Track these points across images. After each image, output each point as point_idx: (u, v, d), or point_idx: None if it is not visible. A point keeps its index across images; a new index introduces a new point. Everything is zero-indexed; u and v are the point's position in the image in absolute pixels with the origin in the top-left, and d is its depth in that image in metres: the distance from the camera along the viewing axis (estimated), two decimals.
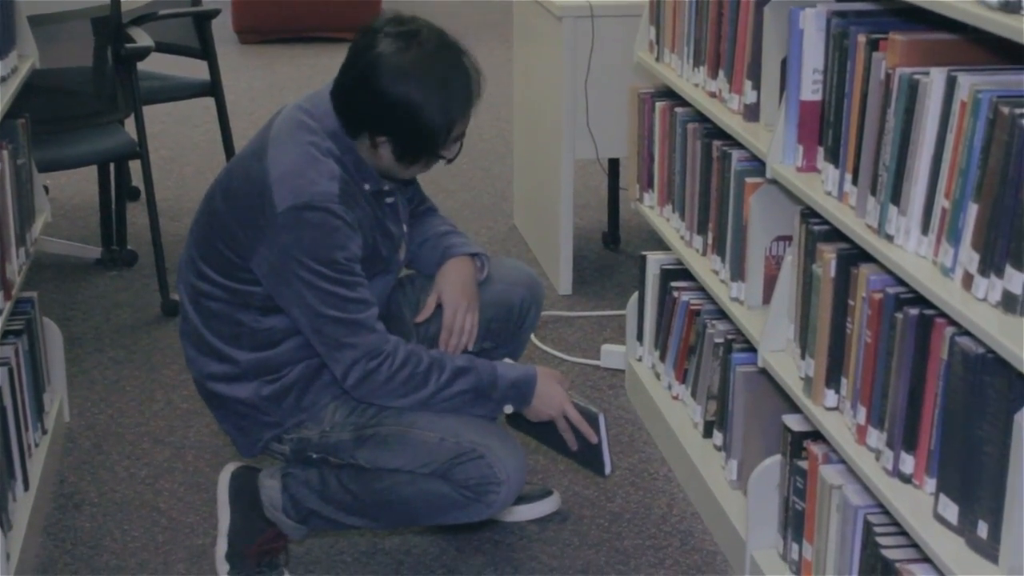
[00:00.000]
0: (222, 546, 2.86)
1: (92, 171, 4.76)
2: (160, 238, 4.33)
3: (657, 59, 3.45)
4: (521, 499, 3.08)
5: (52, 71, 4.13)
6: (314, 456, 2.80)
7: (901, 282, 2.22)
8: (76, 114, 4.33)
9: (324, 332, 2.64)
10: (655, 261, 3.46)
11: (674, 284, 3.37)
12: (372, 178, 2.71)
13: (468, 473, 2.68)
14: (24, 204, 3.23)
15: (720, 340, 3.06)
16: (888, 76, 2.24)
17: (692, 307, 3.29)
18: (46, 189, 4.40)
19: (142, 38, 4.31)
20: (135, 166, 4.73)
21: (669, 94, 3.37)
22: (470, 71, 2.68)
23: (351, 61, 2.66)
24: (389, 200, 2.79)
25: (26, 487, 3.04)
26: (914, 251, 2.19)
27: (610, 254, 4.76)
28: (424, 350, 2.71)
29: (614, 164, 4.74)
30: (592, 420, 2.82)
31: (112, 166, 4.63)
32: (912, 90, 2.17)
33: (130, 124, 4.42)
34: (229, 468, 2.92)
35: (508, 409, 2.77)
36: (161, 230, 4.38)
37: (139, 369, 3.90)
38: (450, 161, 2.74)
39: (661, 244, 3.41)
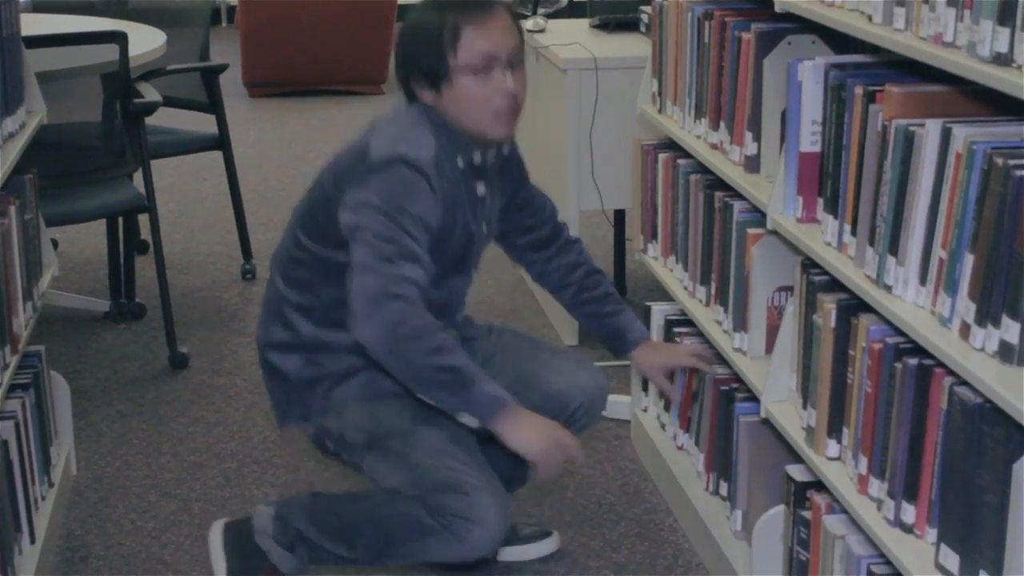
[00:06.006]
0: None
1: (101, 225, 4.79)
2: (168, 291, 4.35)
3: (660, 111, 3.47)
4: (521, 539, 3.15)
5: (60, 126, 4.17)
6: (330, 447, 2.93)
7: (900, 332, 2.23)
8: (84, 169, 4.36)
9: (375, 248, 2.69)
10: (659, 311, 3.48)
11: (677, 330, 3.39)
12: (464, 148, 2.82)
13: (446, 503, 2.72)
14: (31, 259, 3.25)
15: (725, 388, 3.08)
16: (885, 128, 2.26)
17: None
18: (55, 243, 4.42)
19: (150, 93, 4.34)
20: (143, 219, 4.76)
21: (672, 146, 3.40)
22: None
23: None
24: (480, 191, 2.88)
25: (32, 540, 3.05)
26: (912, 301, 2.20)
27: None
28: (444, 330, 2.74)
29: (620, 215, 4.76)
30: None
31: (121, 220, 4.66)
32: (908, 141, 2.19)
33: (138, 178, 4.45)
34: (219, 523, 3.01)
35: (471, 421, 2.71)
36: (169, 283, 4.39)
37: (146, 422, 3.91)
38: (516, 99, 2.80)
39: (667, 294, 3.43)
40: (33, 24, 4.11)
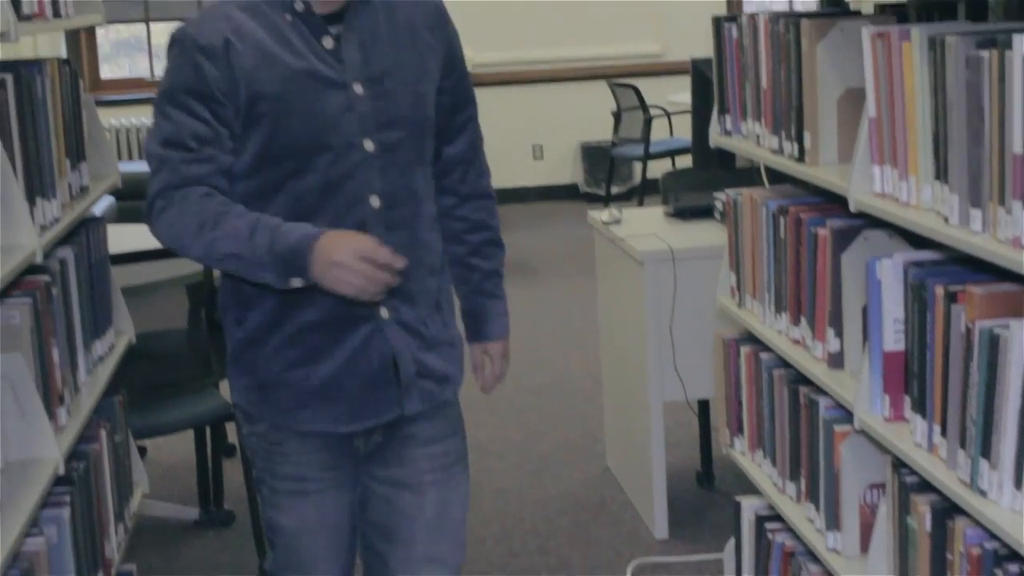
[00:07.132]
0: None
1: (188, 431, 4.83)
2: (256, 498, 4.36)
3: (739, 305, 3.47)
4: None
5: (147, 335, 4.23)
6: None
7: (998, 536, 2.19)
8: (171, 379, 4.42)
9: (149, 142, 2.60)
10: (750, 507, 3.43)
11: (768, 526, 3.34)
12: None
13: None
14: (122, 480, 3.28)
15: None
16: (968, 329, 2.25)
17: (787, 549, 3.25)
18: (143, 451, 4.47)
19: None
20: (230, 423, 4.80)
21: (753, 339, 3.39)
22: None
23: None
24: (328, 43, 2.60)
25: None
26: (1009, 507, 2.16)
27: (705, 493, 4.72)
28: (223, 204, 2.56)
29: (703, 404, 4.73)
30: None
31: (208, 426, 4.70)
32: (993, 344, 2.17)
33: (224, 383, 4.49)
34: None
35: (297, 283, 2.50)
36: None
37: None
38: None
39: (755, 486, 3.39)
40: (119, 238, 4.20)
